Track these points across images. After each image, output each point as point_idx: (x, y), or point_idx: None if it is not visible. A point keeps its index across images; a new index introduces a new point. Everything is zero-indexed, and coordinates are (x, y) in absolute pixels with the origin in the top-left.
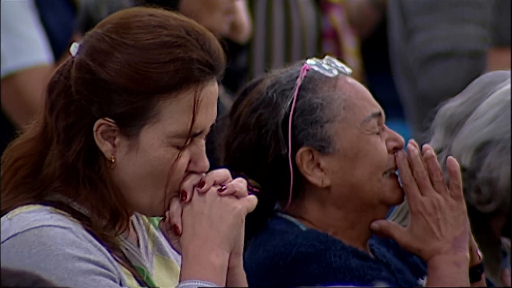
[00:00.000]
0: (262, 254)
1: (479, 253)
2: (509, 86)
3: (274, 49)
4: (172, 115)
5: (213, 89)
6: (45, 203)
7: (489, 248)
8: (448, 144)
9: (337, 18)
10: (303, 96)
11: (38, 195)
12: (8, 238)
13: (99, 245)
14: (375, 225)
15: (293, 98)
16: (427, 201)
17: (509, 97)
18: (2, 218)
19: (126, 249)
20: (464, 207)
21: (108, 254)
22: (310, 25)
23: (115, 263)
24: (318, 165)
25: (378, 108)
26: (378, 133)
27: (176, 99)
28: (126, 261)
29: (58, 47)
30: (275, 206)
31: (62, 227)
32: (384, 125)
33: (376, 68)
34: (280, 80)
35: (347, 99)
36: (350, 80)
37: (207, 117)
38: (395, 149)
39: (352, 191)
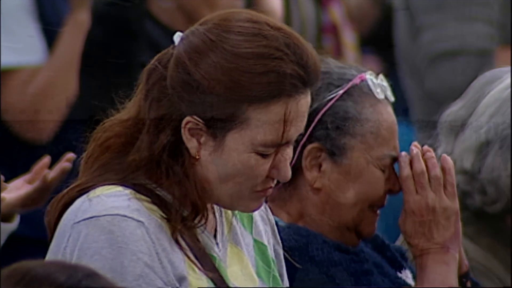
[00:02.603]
0: None
1: (466, 262)
2: (503, 84)
3: None
4: (260, 124)
5: (304, 102)
6: (127, 186)
7: (507, 248)
8: (453, 149)
9: (336, 12)
10: (344, 100)
11: (122, 178)
12: (84, 219)
13: (166, 244)
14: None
15: (334, 96)
16: (421, 201)
17: (504, 95)
18: (84, 197)
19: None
20: (457, 206)
21: (171, 255)
22: (309, 20)
23: (177, 263)
24: (319, 165)
25: (397, 152)
26: (384, 171)
27: (266, 109)
28: (203, 253)
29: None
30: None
31: (135, 220)
32: (392, 167)
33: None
34: (332, 72)
35: (378, 127)
36: (390, 110)
37: (296, 129)
38: (389, 192)
39: (334, 207)
